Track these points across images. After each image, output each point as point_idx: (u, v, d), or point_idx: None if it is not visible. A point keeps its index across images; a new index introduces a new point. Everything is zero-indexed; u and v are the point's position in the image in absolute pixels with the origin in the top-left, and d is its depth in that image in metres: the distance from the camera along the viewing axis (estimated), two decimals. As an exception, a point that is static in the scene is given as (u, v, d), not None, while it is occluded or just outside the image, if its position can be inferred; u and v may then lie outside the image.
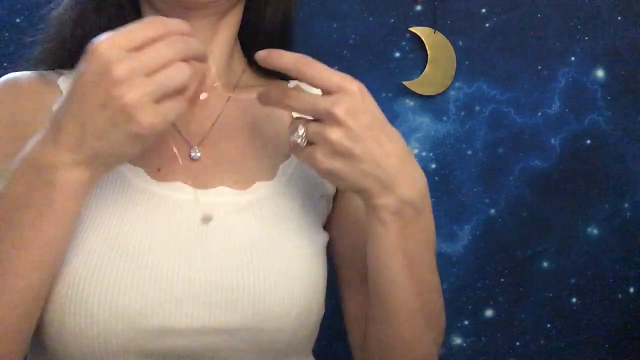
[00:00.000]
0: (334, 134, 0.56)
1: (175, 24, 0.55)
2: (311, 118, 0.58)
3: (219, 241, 0.63)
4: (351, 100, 0.57)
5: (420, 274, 0.65)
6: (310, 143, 0.58)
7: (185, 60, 0.54)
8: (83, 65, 0.52)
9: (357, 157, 0.57)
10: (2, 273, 0.55)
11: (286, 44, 0.81)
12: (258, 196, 0.67)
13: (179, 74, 0.52)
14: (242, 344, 0.62)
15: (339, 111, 0.56)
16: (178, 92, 0.54)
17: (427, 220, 0.64)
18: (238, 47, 0.77)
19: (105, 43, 0.52)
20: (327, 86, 0.57)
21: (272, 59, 0.58)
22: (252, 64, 0.78)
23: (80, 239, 0.61)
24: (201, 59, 0.57)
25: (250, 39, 0.78)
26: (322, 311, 0.68)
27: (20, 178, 0.54)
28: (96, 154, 0.53)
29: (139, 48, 0.52)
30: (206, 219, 0.64)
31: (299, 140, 0.58)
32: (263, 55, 0.59)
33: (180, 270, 0.61)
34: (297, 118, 0.60)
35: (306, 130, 0.58)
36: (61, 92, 0.71)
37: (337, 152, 0.57)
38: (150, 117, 0.51)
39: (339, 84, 0.57)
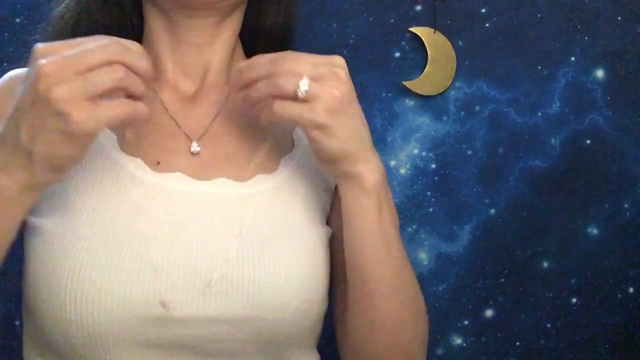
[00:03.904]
0: (337, 91, 0.59)
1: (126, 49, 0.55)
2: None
3: (218, 231, 0.64)
4: (344, 67, 0.60)
5: (395, 254, 0.66)
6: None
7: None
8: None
9: (350, 118, 0.60)
10: None
11: (287, 45, 0.81)
12: (259, 189, 0.68)
13: (112, 74, 0.53)
14: (242, 334, 0.62)
15: (342, 72, 0.60)
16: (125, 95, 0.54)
17: (392, 205, 0.67)
18: (239, 46, 0.77)
19: (42, 45, 0.54)
20: (317, 61, 0.60)
21: (244, 77, 0.62)
22: None
23: (77, 227, 0.61)
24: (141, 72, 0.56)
25: (251, 39, 0.78)
26: (325, 304, 0.69)
27: None
28: (30, 155, 0.53)
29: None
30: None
31: (301, 91, 0.58)
32: (236, 76, 0.62)
33: (179, 260, 0.61)
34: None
35: (308, 84, 0.58)
36: None
37: (335, 109, 0.59)
38: (82, 115, 0.51)
39: (325, 58, 0.60)
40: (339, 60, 0.61)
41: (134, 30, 0.74)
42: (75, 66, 0.52)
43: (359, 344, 0.69)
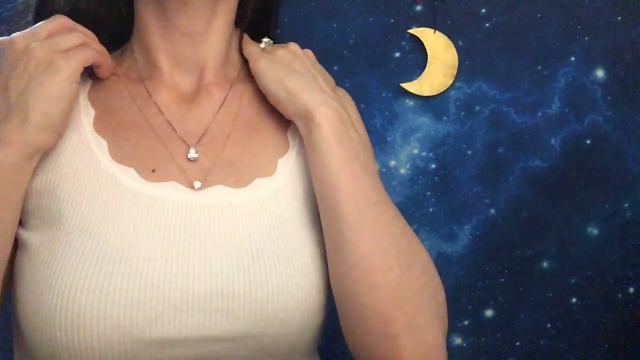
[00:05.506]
0: (281, 52, 0.71)
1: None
2: None
3: (217, 244, 0.61)
4: (296, 45, 0.74)
5: (363, 183, 0.64)
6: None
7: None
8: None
9: (295, 64, 0.70)
10: None
11: (270, 28, 0.79)
12: (258, 194, 0.65)
13: (74, 34, 0.62)
14: (244, 350, 0.60)
15: (294, 46, 0.73)
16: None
17: (357, 144, 0.67)
18: (235, 38, 0.74)
19: (12, 37, 0.62)
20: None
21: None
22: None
23: (66, 242, 0.58)
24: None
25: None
26: (326, 311, 0.66)
27: None
28: (23, 110, 0.57)
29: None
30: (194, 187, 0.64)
31: (264, 45, 0.74)
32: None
33: (177, 277, 0.58)
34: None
35: (270, 44, 0.74)
36: None
37: (277, 62, 0.70)
38: (61, 57, 0.59)
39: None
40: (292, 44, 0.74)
41: (123, 21, 0.71)
42: (40, 33, 0.61)
43: (340, 288, 0.64)
